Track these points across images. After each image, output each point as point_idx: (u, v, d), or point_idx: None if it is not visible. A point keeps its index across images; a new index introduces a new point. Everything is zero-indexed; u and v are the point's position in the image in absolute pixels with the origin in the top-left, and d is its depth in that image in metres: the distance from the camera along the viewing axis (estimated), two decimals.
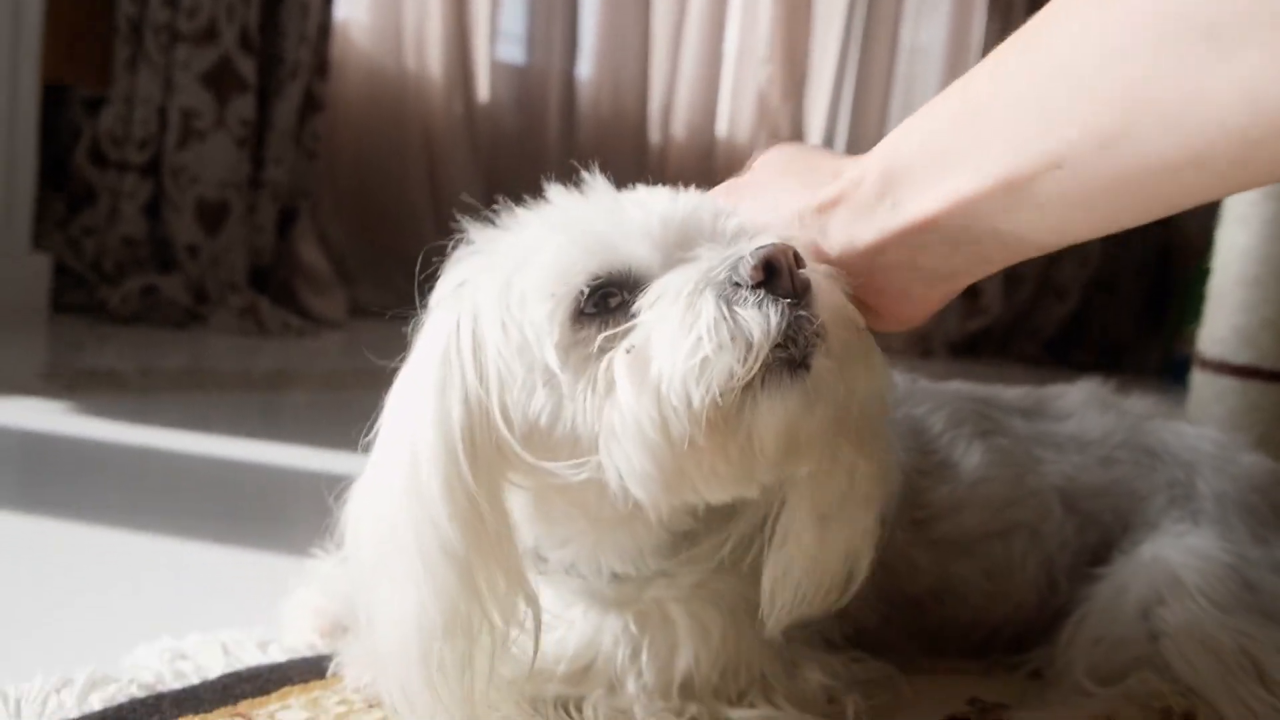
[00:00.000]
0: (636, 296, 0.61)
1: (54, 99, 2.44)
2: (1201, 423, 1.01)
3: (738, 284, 0.57)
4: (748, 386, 0.57)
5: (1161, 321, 4.02)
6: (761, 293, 0.57)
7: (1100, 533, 0.89)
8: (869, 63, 3.96)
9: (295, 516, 1.18)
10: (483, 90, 3.21)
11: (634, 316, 0.61)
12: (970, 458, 0.87)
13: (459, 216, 0.69)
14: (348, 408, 0.68)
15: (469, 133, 3.13)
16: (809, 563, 0.67)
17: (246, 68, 2.54)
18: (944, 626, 0.89)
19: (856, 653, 0.80)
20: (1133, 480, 0.90)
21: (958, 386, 0.93)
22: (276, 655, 0.79)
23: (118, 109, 2.45)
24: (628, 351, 0.59)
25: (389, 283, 2.89)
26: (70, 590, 0.91)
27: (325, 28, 2.76)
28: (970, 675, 0.86)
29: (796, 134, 3.75)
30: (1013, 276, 3.94)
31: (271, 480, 1.32)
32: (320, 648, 0.81)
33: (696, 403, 0.56)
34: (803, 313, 0.57)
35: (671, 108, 3.60)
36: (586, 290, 0.62)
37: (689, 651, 0.72)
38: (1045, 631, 0.87)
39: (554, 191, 0.68)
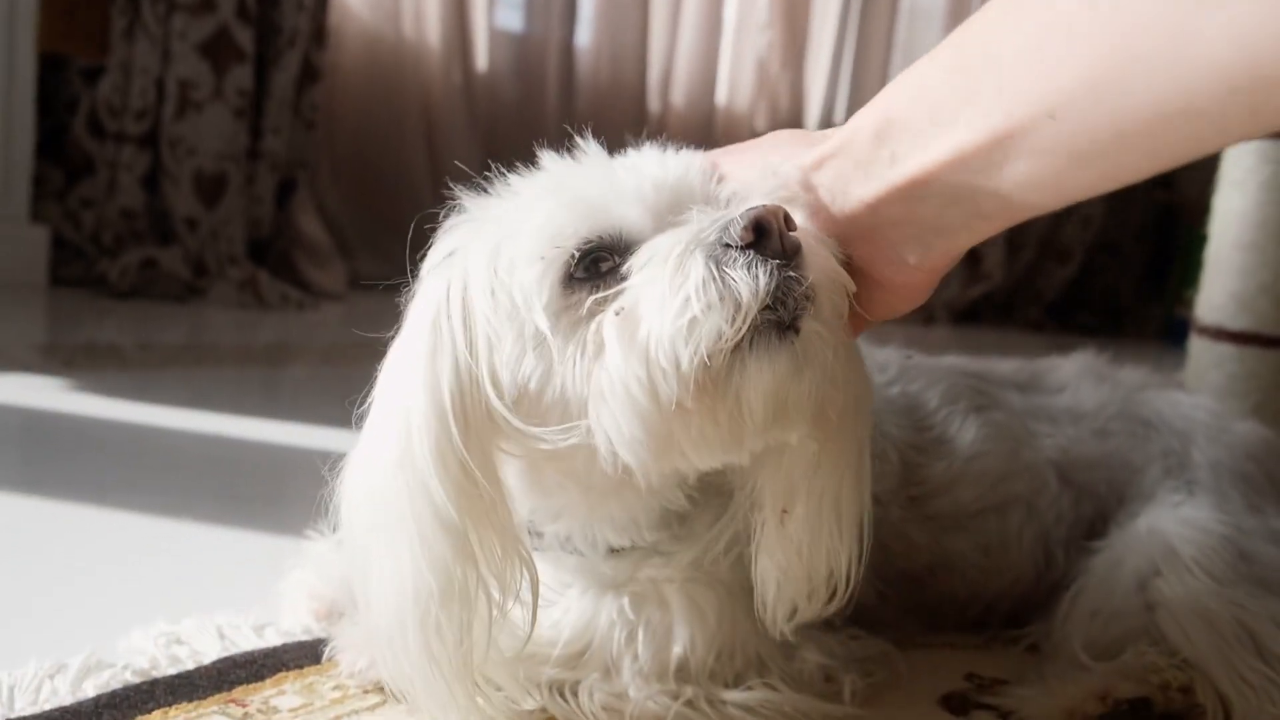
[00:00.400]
0: (627, 260, 0.61)
1: (51, 69, 2.43)
2: (1197, 391, 1.00)
3: (727, 245, 0.57)
4: (736, 348, 0.57)
5: (1163, 284, 4.01)
6: (751, 254, 0.57)
7: (1096, 505, 0.89)
8: (869, 27, 3.93)
9: (293, 495, 1.18)
10: (481, 59, 3.19)
11: (624, 280, 0.60)
12: (965, 433, 0.87)
13: (453, 185, 0.69)
14: (346, 382, 0.68)
15: (467, 101, 3.11)
16: (787, 574, 0.67)
17: (244, 37, 2.52)
18: (941, 602, 0.89)
19: (854, 630, 0.79)
20: (1128, 451, 0.90)
21: (952, 361, 0.93)
22: (272, 639, 0.79)
23: (115, 79, 2.44)
24: (617, 314, 0.59)
25: (388, 254, 2.89)
26: (65, 572, 0.91)
27: None
28: (968, 650, 0.87)
29: (796, 101, 3.73)
30: (1014, 241, 3.93)
31: (270, 458, 1.33)
32: (316, 631, 0.81)
33: (685, 364, 0.56)
34: (792, 274, 0.57)
35: (670, 76, 3.57)
36: (577, 254, 0.62)
37: (684, 634, 0.72)
38: (1042, 605, 0.87)
39: (547, 157, 0.68)
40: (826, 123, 3.79)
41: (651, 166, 0.65)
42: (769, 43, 3.69)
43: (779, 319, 0.57)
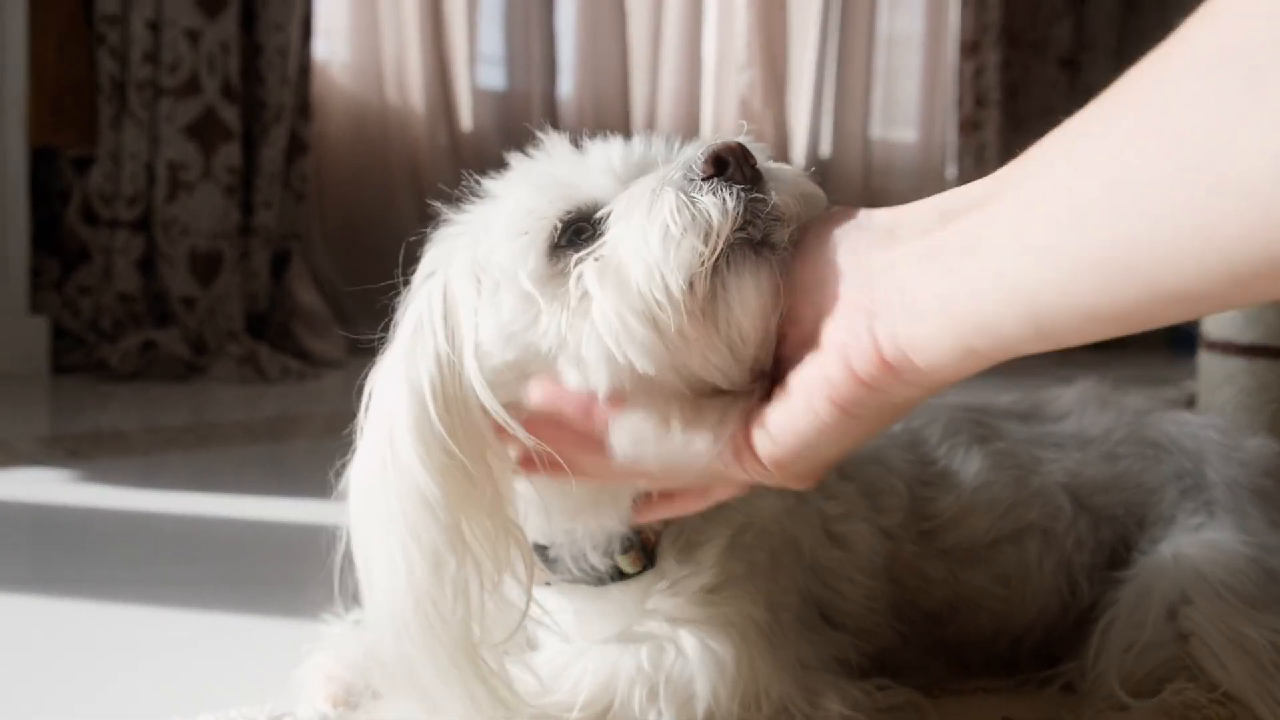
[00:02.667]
0: (604, 226, 0.63)
1: (43, 161, 2.45)
2: (1209, 408, 1.00)
3: (692, 180, 0.60)
4: (715, 271, 0.59)
5: None
6: (716, 182, 0.59)
7: (1115, 529, 0.88)
8: (848, 58, 3.96)
9: (307, 574, 1.17)
10: (465, 119, 3.21)
11: (602, 239, 0.63)
12: (970, 464, 0.87)
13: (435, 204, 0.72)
14: (351, 451, 0.69)
15: (455, 162, 3.12)
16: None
17: (230, 116, 2.54)
18: (965, 640, 0.87)
19: (879, 680, 0.78)
20: (1140, 473, 0.89)
21: (950, 399, 0.92)
22: None
23: (105, 167, 2.46)
24: (596, 260, 0.61)
25: (387, 318, 2.88)
26: (79, 672, 0.90)
27: (305, 68, 2.76)
28: (1000, 694, 0.85)
29: (781, 138, 3.74)
30: None
31: (280, 537, 1.31)
32: (332, 717, 0.80)
33: (674, 287, 0.58)
34: (758, 195, 0.59)
35: (655, 119, 3.59)
36: (560, 224, 0.64)
37: (707, 686, 0.71)
38: (1071, 637, 0.86)
39: (515, 158, 0.71)
40: (813, 157, 3.81)
41: (616, 147, 0.68)
42: (750, 81, 3.72)
43: (750, 237, 0.59)
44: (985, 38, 4.03)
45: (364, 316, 2.97)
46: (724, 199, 0.59)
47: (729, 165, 0.60)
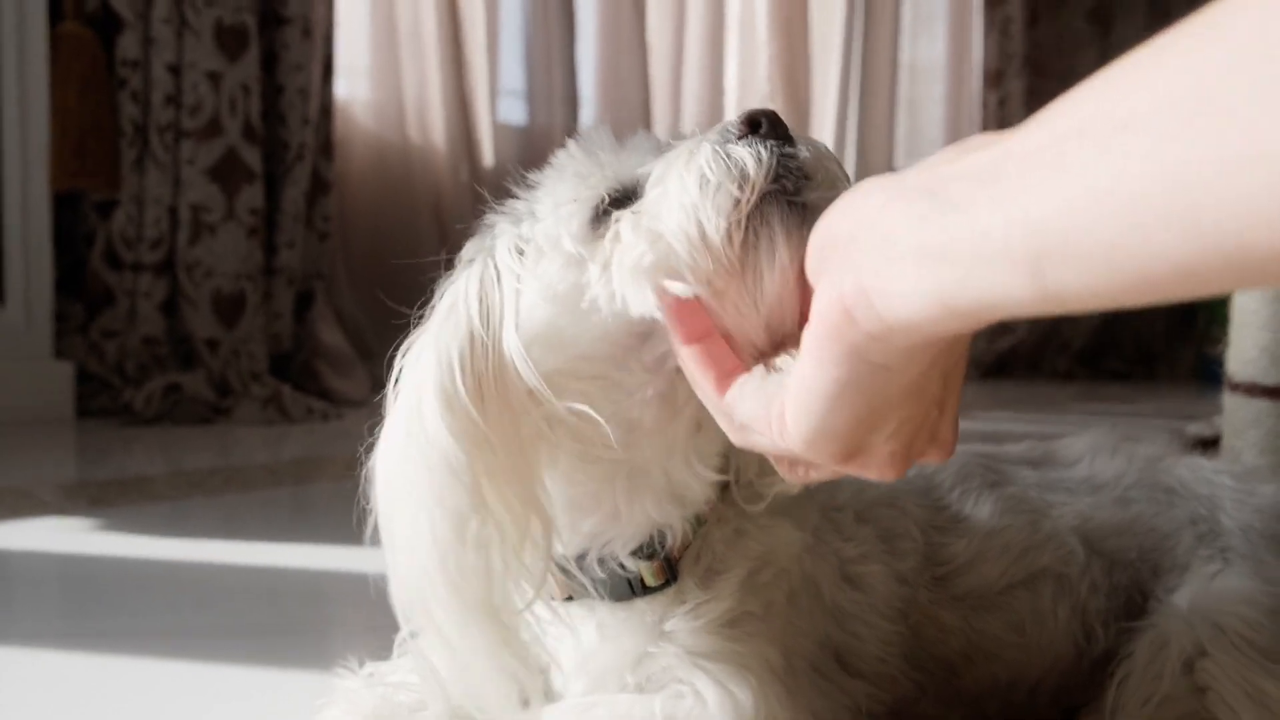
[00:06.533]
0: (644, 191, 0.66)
1: (66, 206, 2.48)
2: (1232, 452, 0.98)
3: (727, 139, 0.62)
4: (749, 222, 0.60)
5: (1193, 323, 3.97)
6: (750, 139, 0.62)
7: (1129, 574, 0.87)
8: (870, 87, 3.96)
9: (333, 622, 1.17)
10: (487, 155, 3.23)
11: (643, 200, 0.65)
12: (982, 509, 0.86)
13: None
14: (378, 430, 0.70)
15: (477, 198, 3.14)
16: None
17: (252, 157, 2.57)
18: (981, 690, 0.86)
19: None
20: (1153, 518, 0.87)
21: (962, 447, 0.91)
22: None
23: (128, 210, 2.49)
24: (633, 213, 0.64)
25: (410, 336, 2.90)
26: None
27: (327, 108, 2.79)
28: None
29: None
30: None
31: (306, 584, 1.31)
32: None
33: (711, 232, 0.60)
34: (790, 151, 0.62)
35: None
36: (607, 198, 0.66)
37: None
38: (1087, 685, 0.85)
39: (560, 151, 0.73)
40: None
41: (657, 136, 0.71)
42: None
43: (783, 188, 0.61)
44: (1009, 66, 4.03)
45: (388, 354, 2.99)
46: (758, 151, 0.61)
47: (762, 125, 0.62)
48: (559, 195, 0.68)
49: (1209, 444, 1.54)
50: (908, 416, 0.53)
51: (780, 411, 0.55)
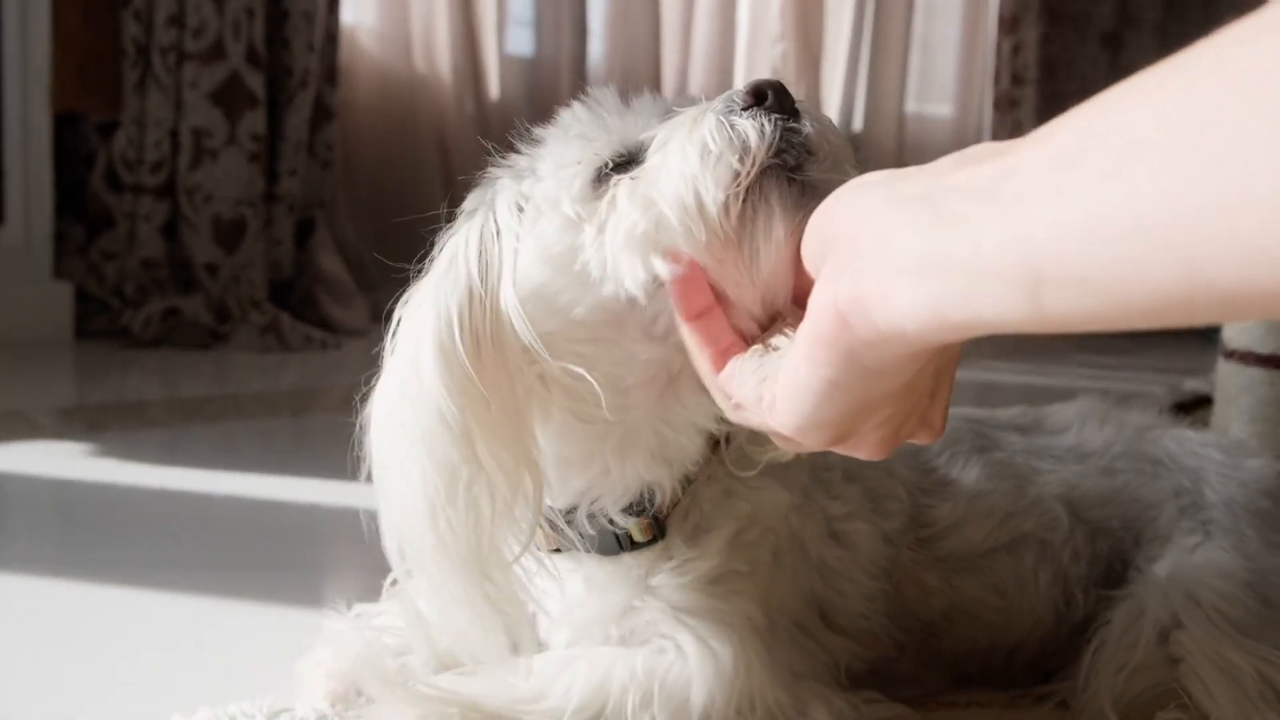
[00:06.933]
0: (646, 156, 0.65)
1: (67, 127, 2.46)
2: (1224, 419, 0.98)
3: (732, 109, 0.62)
4: (748, 195, 0.60)
5: None
6: (755, 110, 0.61)
7: (1111, 543, 0.88)
8: (884, 28, 3.90)
9: (325, 560, 1.19)
10: (493, 86, 3.20)
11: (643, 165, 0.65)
12: (969, 473, 0.87)
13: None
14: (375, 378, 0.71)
15: (482, 130, 3.12)
16: None
17: (255, 82, 2.55)
18: (961, 652, 0.87)
19: (869, 693, 0.79)
20: (1138, 489, 0.88)
21: (952, 411, 0.92)
22: None
23: (129, 132, 2.47)
24: (631, 179, 0.64)
25: (410, 286, 2.90)
26: (80, 661, 0.91)
27: (332, 35, 2.76)
28: (994, 708, 0.85)
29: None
30: None
31: (294, 520, 1.32)
32: (331, 716, 0.81)
33: (709, 203, 0.60)
34: (794, 125, 0.61)
35: (685, 90, 3.57)
36: (611, 162, 0.66)
37: (704, 691, 0.72)
38: (1066, 651, 0.86)
39: (563, 111, 0.73)
40: (845, 131, 3.77)
41: (663, 99, 0.70)
42: (783, 54, 3.68)
43: (784, 163, 0.61)
44: (1025, 13, 3.97)
45: (388, 284, 2.98)
46: (762, 124, 0.60)
47: (768, 97, 0.61)
48: (562, 156, 0.68)
49: (1203, 402, 1.55)
50: (898, 409, 0.54)
51: (772, 398, 0.56)
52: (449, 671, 0.77)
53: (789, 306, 0.62)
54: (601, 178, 0.66)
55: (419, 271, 0.73)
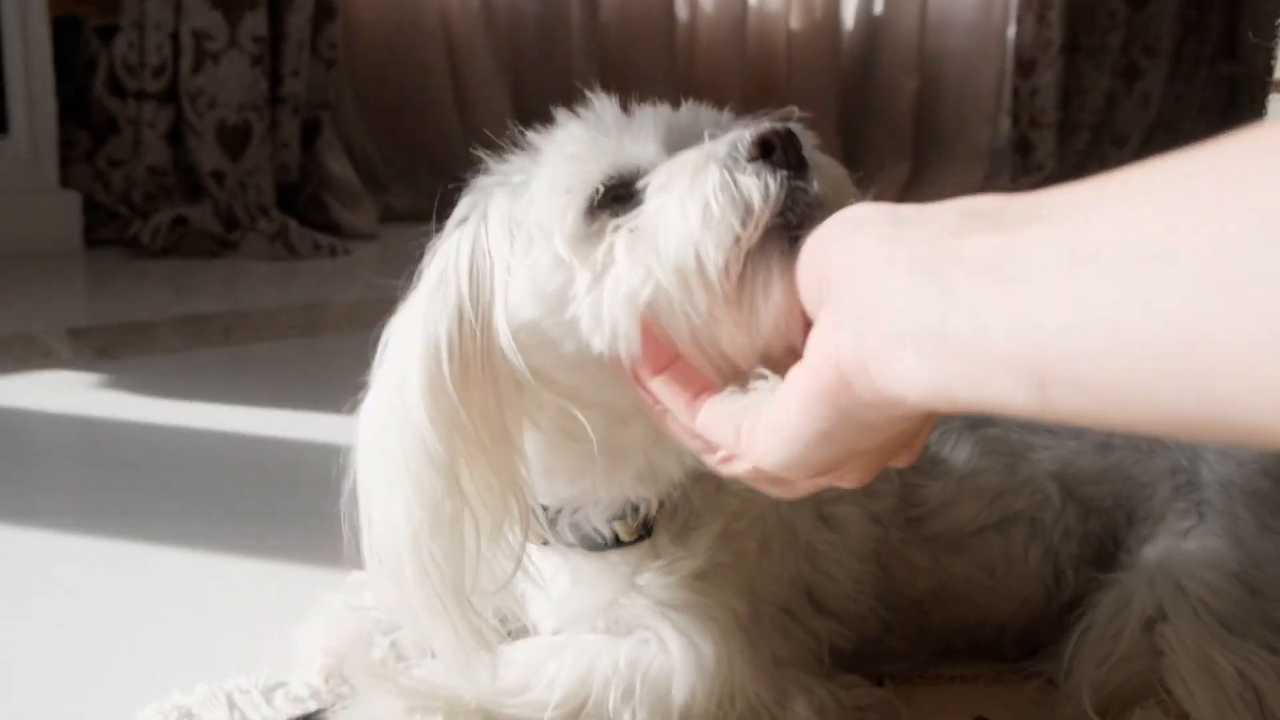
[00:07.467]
0: (643, 195, 0.64)
1: (67, 30, 2.41)
2: None
3: (737, 159, 0.60)
4: (749, 258, 0.58)
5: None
6: (760, 164, 0.59)
7: (1104, 521, 0.87)
8: None
9: (329, 509, 1.19)
10: None
11: (640, 205, 0.63)
12: (960, 451, 0.86)
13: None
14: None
15: (488, 23, 3.03)
16: None
17: None
18: (949, 629, 0.88)
19: (851, 677, 0.79)
20: (1132, 466, 0.87)
21: None
22: (281, 706, 0.81)
23: (129, 36, 2.42)
24: (631, 231, 0.62)
25: (419, 185, 2.87)
26: (85, 623, 0.93)
27: None
28: (978, 684, 0.86)
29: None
30: (1067, 125, 3.79)
31: (312, 457, 1.32)
32: (323, 694, 0.82)
33: (710, 267, 0.58)
34: (800, 184, 0.59)
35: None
36: (601, 188, 0.64)
37: (685, 684, 0.73)
38: (1055, 627, 0.86)
39: (562, 115, 0.71)
40: (865, 15, 3.64)
41: (663, 113, 0.68)
42: None
43: (787, 223, 0.58)
44: None
45: (397, 183, 2.94)
46: (767, 183, 0.58)
47: (775, 149, 0.59)
48: (554, 179, 0.66)
49: None
50: (885, 448, 0.53)
51: (752, 430, 0.55)
52: (434, 658, 0.78)
53: (783, 357, 0.60)
54: (594, 210, 0.64)
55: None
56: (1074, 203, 0.39)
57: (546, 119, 0.71)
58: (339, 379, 0.72)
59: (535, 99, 2.99)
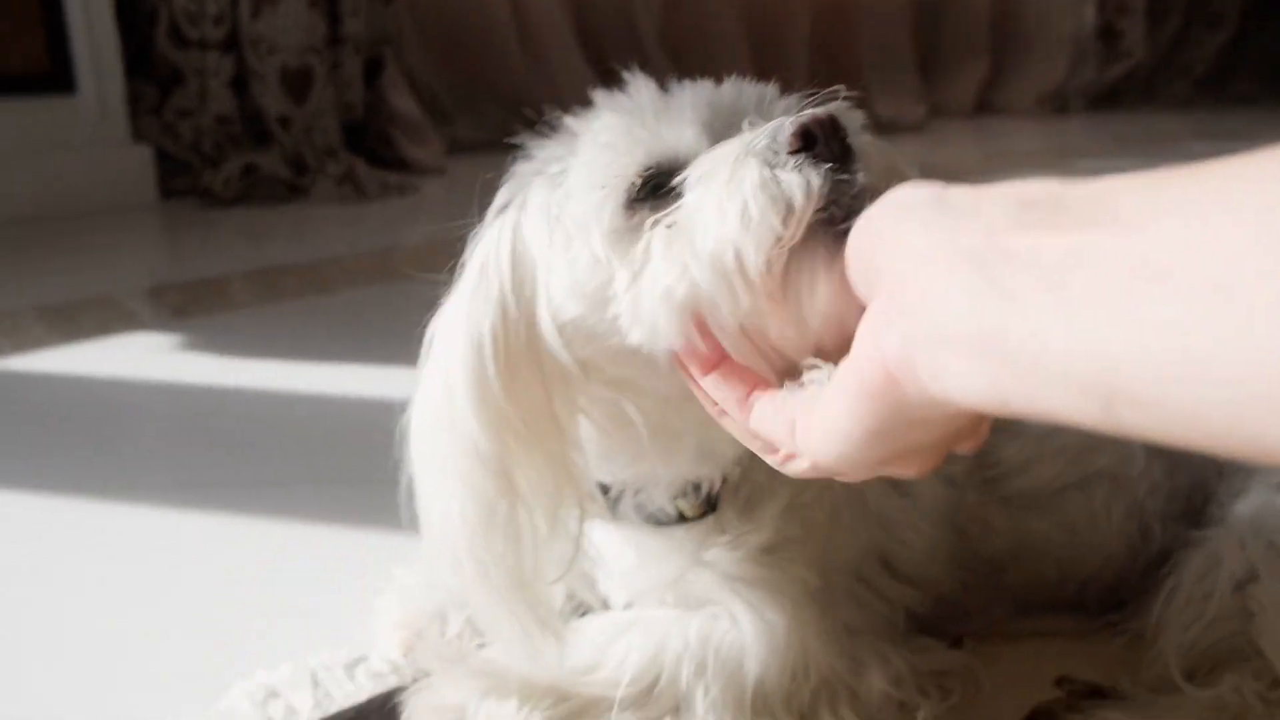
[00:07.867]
0: (683, 186, 0.61)
1: None
2: None
3: (778, 152, 0.57)
4: (792, 254, 0.56)
5: None
6: (802, 157, 0.57)
7: (1191, 475, 0.84)
8: None
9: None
10: None
11: (680, 198, 0.61)
12: None
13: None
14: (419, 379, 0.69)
15: None
16: None
17: None
18: (1029, 585, 0.86)
19: (927, 640, 0.78)
20: None
21: None
22: (362, 681, 0.83)
23: None
24: (668, 228, 0.60)
25: (483, 114, 2.85)
26: (171, 600, 0.95)
27: None
28: (1060, 642, 0.84)
29: None
30: (1157, 9, 3.60)
31: (377, 417, 1.32)
32: (403, 669, 0.84)
33: (751, 267, 0.56)
34: (844, 177, 0.56)
35: None
36: (638, 181, 0.62)
37: (758, 660, 0.72)
38: (1141, 582, 0.84)
39: (600, 97, 0.68)
40: None
41: (703, 92, 0.65)
42: None
43: (831, 217, 0.56)
44: None
45: (462, 114, 2.92)
46: (809, 179, 0.56)
47: (817, 141, 0.56)
48: (590, 171, 0.64)
49: None
50: (944, 441, 0.51)
51: (806, 426, 0.53)
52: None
53: (836, 345, 0.57)
54: (632, 204, 0.62)
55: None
56: (1145, 204, 0.36)
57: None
58: (413, 330, 0.71)
59: (597, 18, 2.93)
